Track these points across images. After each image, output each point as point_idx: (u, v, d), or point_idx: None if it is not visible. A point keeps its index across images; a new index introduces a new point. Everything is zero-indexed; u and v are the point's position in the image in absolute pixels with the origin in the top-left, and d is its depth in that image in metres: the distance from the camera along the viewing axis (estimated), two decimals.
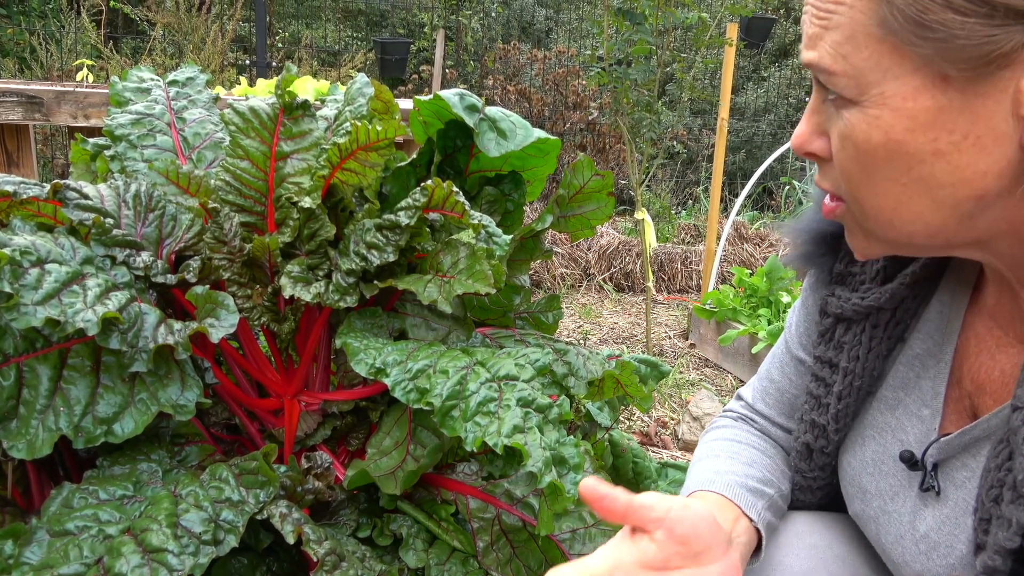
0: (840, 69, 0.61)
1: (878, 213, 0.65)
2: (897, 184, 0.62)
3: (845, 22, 0.60)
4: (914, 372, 0.79)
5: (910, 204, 0.62)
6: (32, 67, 5.57)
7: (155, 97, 1.53)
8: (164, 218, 1.29)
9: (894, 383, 0.81)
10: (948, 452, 0.72)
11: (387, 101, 1.48)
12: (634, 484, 1.97)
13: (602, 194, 1.49)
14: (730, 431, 0.99)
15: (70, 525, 1.01)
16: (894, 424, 0.80)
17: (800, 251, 0.87)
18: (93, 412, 1.06)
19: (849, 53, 0.60)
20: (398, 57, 6.14)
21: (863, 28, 0.59)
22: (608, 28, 3.25)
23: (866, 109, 0.61)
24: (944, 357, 0.77)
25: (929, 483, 0.73)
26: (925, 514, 0.74)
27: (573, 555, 1.18)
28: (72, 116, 2.48)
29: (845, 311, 0.82)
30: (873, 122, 0.61)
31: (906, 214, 0.63)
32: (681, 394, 2.71)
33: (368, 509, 1.26)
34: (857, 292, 0.81)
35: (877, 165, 0.62)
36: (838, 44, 0.61)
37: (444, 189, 1.20)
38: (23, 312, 0.95)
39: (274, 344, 1.38)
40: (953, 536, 0.71)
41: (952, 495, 0.72)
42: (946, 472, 0.73)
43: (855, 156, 0.63)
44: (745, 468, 0.89)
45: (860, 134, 0.62)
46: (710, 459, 0.92)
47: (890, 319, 0.80)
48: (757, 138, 7.13)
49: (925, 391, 0.78)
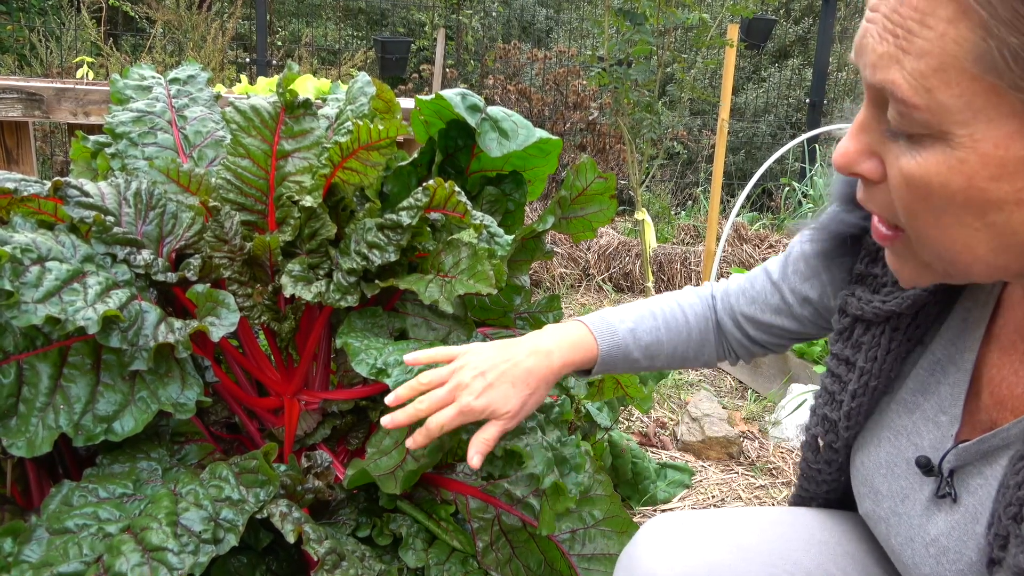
0: (922, 103, 0.55)
1: (942, 252, 0.61)
2: (968, 228, 0.58)
3: (933, 50, 0.53)
4: (934, 378, 0.79)
5: (978, 246, 0.58)
6: (32, 64, 5.56)
7: (156, 95, 1.53)
8: (165, 216, 1.29)
9: (913, 386, 0.81)
10: (965, 459, 0.72)
11: (388, 100, 1.48)
12: (633, 484, 1.97)
13: (604, 196, 1.49)
14: (670, 297, 1.11)
15: (70, 523, 1.01)
16: (910, 427, 0.80)
17: (819, 248, 0.86)
18: (93, 410, 1.06)
19: (936, 87, 0.54)
20: (398, 56, 6.13)
21: (955, 61, 0.52)
22: (608, 28, 3.25)
23: (948, 150, 0.55)
24: (964, 365, 0.76)
25: (945, 490, 0.73)
26: (937, 519, 0.74)
27: (573, 555, 1.18)
28: (72, 113, 2.48)
29: (865, 313, 0.81)
30: (956, 166, 0.55)
31: (972, 254, 0.59)
32: (680, 395, 2.71)
33: (368, 508, 1.26)
34: (878, 295, 0.81)
35: (950, 209, 0.57)
36: (923, 75, 0.54)
37: (446, 189, 1.20)
38: (23, 310, 0.95)
39: (274, 343, 1.38)
40: (963, 543, 0.70)
41: (964, 501, 0.71)
42: (960, 479, 0.72)
43: (924, 197, 0.58)
44: (628, 313, 1.07)
45: (937, 177, 0.56)
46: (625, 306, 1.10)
47: (910, 323, 0.80)
48: (757, 139, 7.13)
49: (944, 397, 0.77)
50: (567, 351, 1.01)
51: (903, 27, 0.54)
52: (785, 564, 0.85)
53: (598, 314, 1.07)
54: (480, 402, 0.95)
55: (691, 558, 0.83)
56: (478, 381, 0.96)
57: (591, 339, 1.03)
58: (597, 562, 1.17)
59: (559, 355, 1.00)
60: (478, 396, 0.95)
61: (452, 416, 0.96)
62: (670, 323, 1.07)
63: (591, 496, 1.23)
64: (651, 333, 1.06)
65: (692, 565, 0.83)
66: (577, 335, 1.03)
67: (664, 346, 1.07)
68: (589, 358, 1.03)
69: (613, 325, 1.05)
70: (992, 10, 0.50)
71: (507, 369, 0.97)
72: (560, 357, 1.00)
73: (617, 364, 1.05)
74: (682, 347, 1.07)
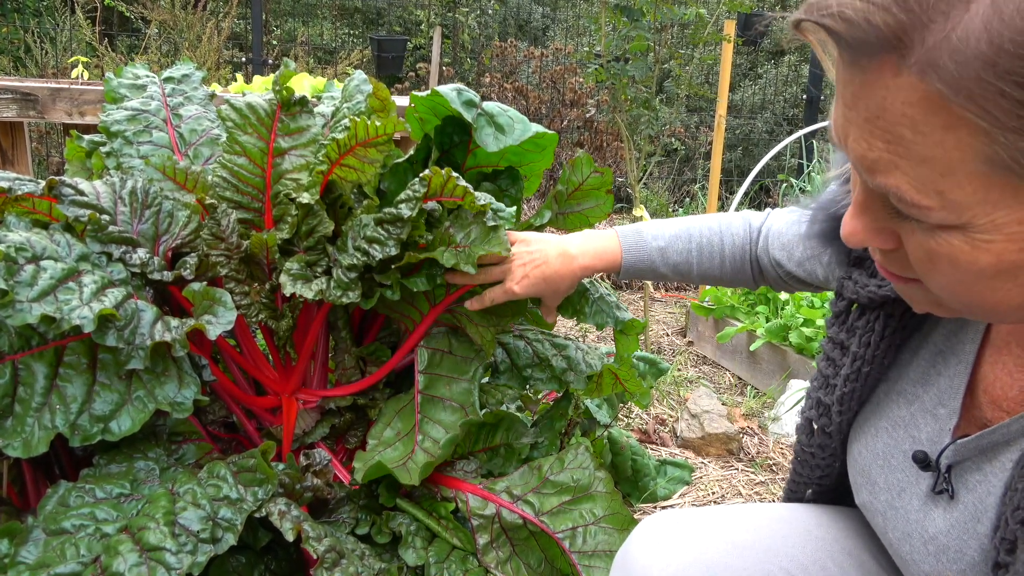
0: (935, 204, 0.53)
1: (971, 306, 0.60)
2: (1001, 290, 0.57)
3: (935, 155, 0.51)
4: (935, 369, 0.78)
5: (1012, 299, 0.57)
6: (27, 65, 5.54)
7: (151, 93, 1.52)
8: (161, 214, 1.28)
9: (914, 377, 0.80)
10: (963, 455, 0.71)
11: (384, 99, 1.47)
12: (633, 481, 1.96)
13: (601, 191, 1.48)
14: (715, 220, 1.19)
15: (67, 524, 1.01)
16: (908, 419, 0.79)
17: (818, 228, 0.85)
18: (89, 410, 1.05)
19: (947, 189, 0.52)
20: (395, 55, 6.13)
21: (963, 166, 0.50)
22: (605, 25, 3.24)
23: (972, 234, 0.54)
24: (965, 357, 0.75)
25: (942, 486, 0.72)
26: (935, 515, 0.73)
27: (573, 552, 1.17)
28: (67, 113, 2.47)
29: (860, 297, 0.81)
30: (982, 246, 0.54)
31: (1006, 306, 0.58)
32: (679, 391, 2.70)
33: (367, 506, 1.26)
34: (875, 278, 0.80)
35: (981, 279, 0.56)
36: (929, 180, 0.52)
37: (443, 176, 1.20)
38: (18, 309, 0.95)
39: (272, 341, 1.37)
40: (963, 542, 0.70)
41: (963, 498, 0.70)
42: (958, 475, 0.72)
43: (952, 272, 0.57)
44: (666, 230, 1.19)
45: (964, 256, 0.55)
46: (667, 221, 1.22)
47: (907, 309, 0.78)
48: (754, 135, 7.13)
49: (943, 389, 0.76)
50: (590, 258, 1.20)
51: (892, 133, 0.52)
52: (780, 560, 0.84)
53: (635, 226, 1.21)
54: (518, 288, 1.21)
55: (686, 555, 0.83)
56: (520, 271, 1.21)
57: (617, 250, 1.19)
58: (598, 559, 1.16)
59: (581, 260, 1.20)
60: (517, 283, 1.21)
61: (498, 295, 1.23)
62: (704, 249, 1.17)
63: (591, 493, 1.23)
64: (682, 255, 1.17)
65: (687, 562, 0.82)
66: (604, 244, 1.20)
67: (694, 267, 1.18)
68: (612, 266, 1.20)
69: (644, 240, 1.19)
70: (994, 120, 0.48)
71: (542, 267, 1.20)
72: (582, 263, 1.20)
73: (643, 274, 1.20)
74: (714, 272, 1.17)
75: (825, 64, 0.58)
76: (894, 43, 0.49)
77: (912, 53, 0.49)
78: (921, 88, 0.49)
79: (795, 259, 1.09)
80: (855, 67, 0.53)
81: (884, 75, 0.51)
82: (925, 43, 0.48)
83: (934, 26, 0.48)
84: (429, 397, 1.29)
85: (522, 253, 1.22)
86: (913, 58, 0.49)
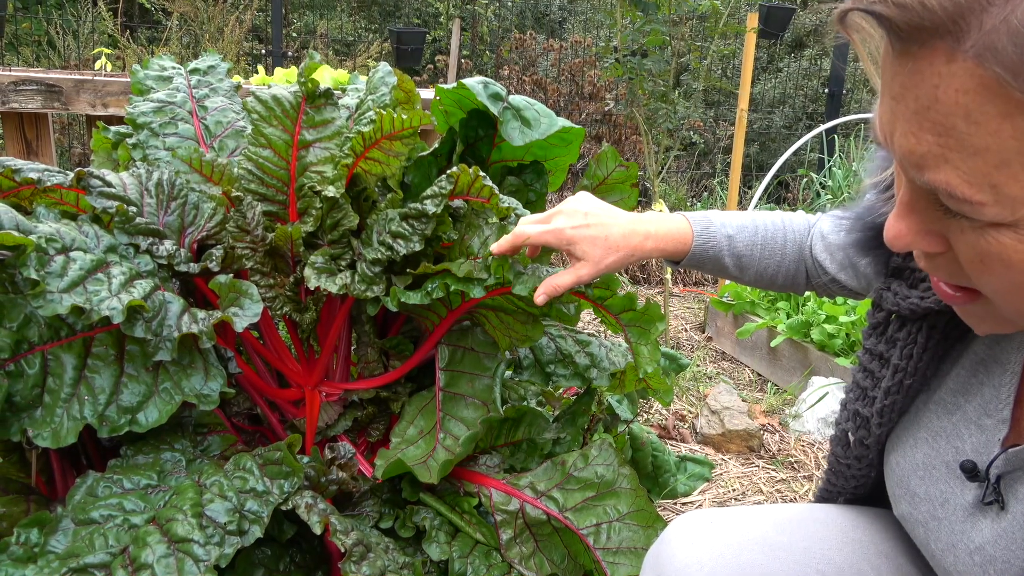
0: (989, 200, 0.51)
1: None
2: None
3: (990, 145, 0.49)
4: (976, 378, 0.76)
5: None
6: (50, 57, 5.58)
7: (177, 85, 1.52)
8: (186, 207, 1.28)
9: (953, 387, 0.78)
10: (1015, 465, 0.69)
11: (409, 91, 1.47)
12: (653, 477, 1.95)
13: (626, 185, 1.48)
14: (779, 216, 1.13)
15: (95, 514, 1.01)
16: (950, 429, 0.77)
17: (854, 238, 0.83)
18: (117, 401, 1.06)
19: (1002, 183, 0.50)
20: (413, 47, 6.11)
21: (1019, 156, 0.49)
22: (621, 19, 3.22)
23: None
24: (1010, 365, 0.73)
25: (992, 496, 0.70)
26: (982, 526, 0.71)
27: (597, 548, 1.17)
28: (91, 105, 2.48)
29: (902, 309, 0.79)
30: None
31: None
32: (699, 387, 2.69)
33: (390, 500, 1.26)
34: (916, 290, 0.78)
35: None
36: (982, 172, 0.50)
37: (470, 175, 1.19)
38: (49, 299, 0.95)
39: (295, 334, 1.37)
40: (1011, 552, 0.68)
41: (1013, 509, 0.69)
42: (1008, 485, 0.70)
43: (1005, 273, 0.55)
44: (733, 220, 1.09)
45: (1016, 254, 0.53)
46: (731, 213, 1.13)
47: (949, 320, 0.76)
48: (772, 130, 7.07)
49: (987, 399, 0.74)
50: (661, 238, 1.07)
51: (943, 124, 0.50)
52: (816, 562, 0.83)
53: (704, 213, 1.11)
54: (572, 232, 1.03)
55: (721, 556, 0.82)
56: (579, 217, 1.04)
57: (688, 233, 1.08)
58: (623, 555, 1.15)
59: (653, 241, 1.07)
60: (573, 227, 1.03)
61: (541, 232, 1.05)
62: (767, 243, 1.10)
63: (616, 490, 1.22)
64: (747, 246, 1.10)
65: (723, 563, 0.81)
66: (675, 226, 1.09)
67: (756, 262, 1.11)
68: (681, 250, 1.08)
69: (713, 226, 1.10)
70: None
71: (608, 223, 1.05)
72: (654, 243, 1.07)
73: (705, 264, 1.10)
74: (772, 268, 1.11)
75: (866, 63, 0.57)
76: (949, 27, 0.48)
77: (968, 37, 0.47)
78: (978, 74, 0.47)
79: (837, 263, 1.06)
80: (905, 56, 0.51)
81: (936, 62, 0.49)
82: (983, 26, 0.47)
83: (993, 8, 0.46)
84: (451, 394, 1.29)
85: (575, 203, 1.07)
86: (969, 42, 0.47)
